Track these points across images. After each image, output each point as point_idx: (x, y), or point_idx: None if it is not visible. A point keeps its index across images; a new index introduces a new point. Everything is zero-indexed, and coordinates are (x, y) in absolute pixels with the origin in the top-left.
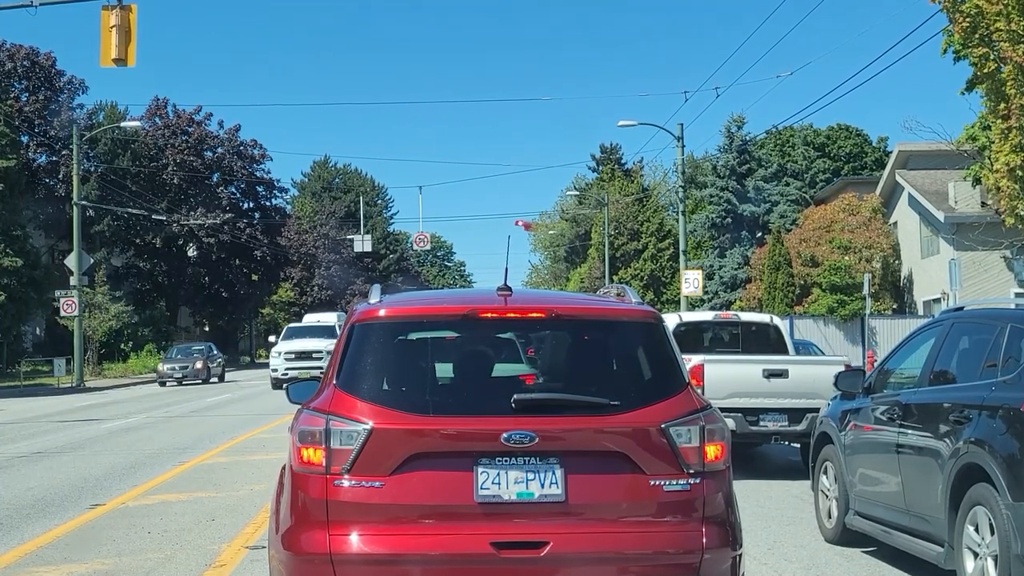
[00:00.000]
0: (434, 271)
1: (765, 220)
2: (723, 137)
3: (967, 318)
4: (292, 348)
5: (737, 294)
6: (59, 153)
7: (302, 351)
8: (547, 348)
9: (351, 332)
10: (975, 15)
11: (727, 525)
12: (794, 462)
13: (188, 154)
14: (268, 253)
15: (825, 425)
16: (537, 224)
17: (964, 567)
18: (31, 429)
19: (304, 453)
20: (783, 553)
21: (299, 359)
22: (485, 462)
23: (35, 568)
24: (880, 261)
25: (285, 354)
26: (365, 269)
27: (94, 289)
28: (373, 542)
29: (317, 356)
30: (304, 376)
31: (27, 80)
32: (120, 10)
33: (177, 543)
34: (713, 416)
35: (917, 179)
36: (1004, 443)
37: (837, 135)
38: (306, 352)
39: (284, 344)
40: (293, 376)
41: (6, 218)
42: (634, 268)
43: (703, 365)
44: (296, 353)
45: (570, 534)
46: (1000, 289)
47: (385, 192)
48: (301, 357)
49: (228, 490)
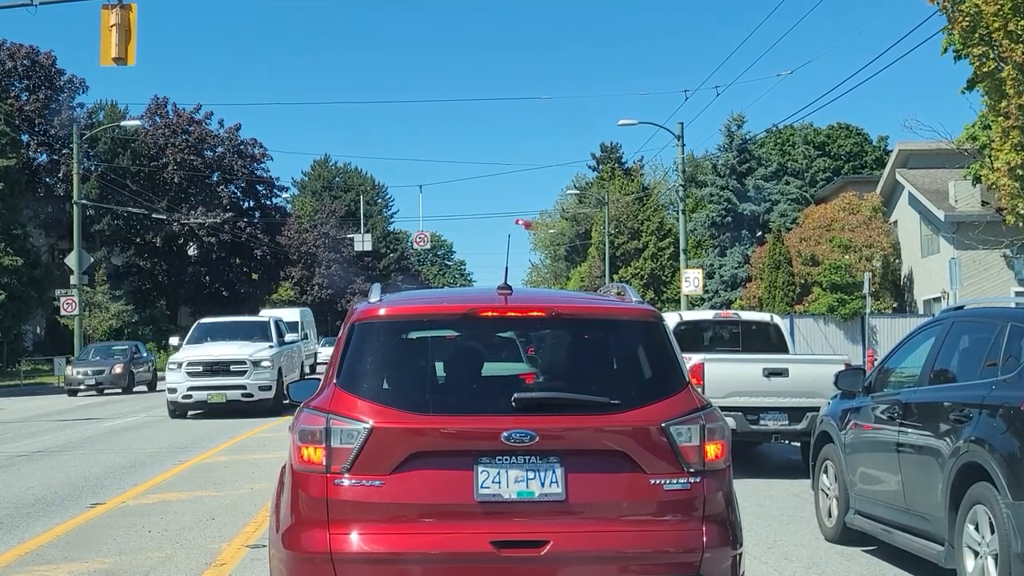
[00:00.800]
0: (434, 270)
1: (765, 219)
2: (723, 136)
3: (967, 317)
4: (200, 357)
5: (737, 293)
6: (59, 152)
7: (215, 362)
8: (547, 347)
9: (351, 331)
10: (974, 15)
11: (727, 524)
12: (794, 461)
13: (188, 153)
14: (268, 252)
15: (825, 424)
16: (537, 223)
17: (964, 566)
18: (31, 428)
19: (304, 452)
20: (783, 552)
21: (210, 374)
22: (485, 461)
23: (35, 567)
24: (880, 260)
25: (189, 366)
26: (365, 268)
27: (94, 288)
28: (373, 541)
29: (239, 370)
30: (218, 400)
31: (27, 79)
32: (120, 9)
33: (177, 542)
34: (713, 415)
35: (917, 178)
36: (1004, 442)
37: (837, 134)
38: (221, 364)
39: (189, 351)
40: (201, 400)
41: (6, 217)
42: (634, 267)
43: (703, 364)
44: (205, 365)
45: (570, 533)
46: (1000, 288)
47: (385, 191)
48: (214, 371)
49: (228, 489)
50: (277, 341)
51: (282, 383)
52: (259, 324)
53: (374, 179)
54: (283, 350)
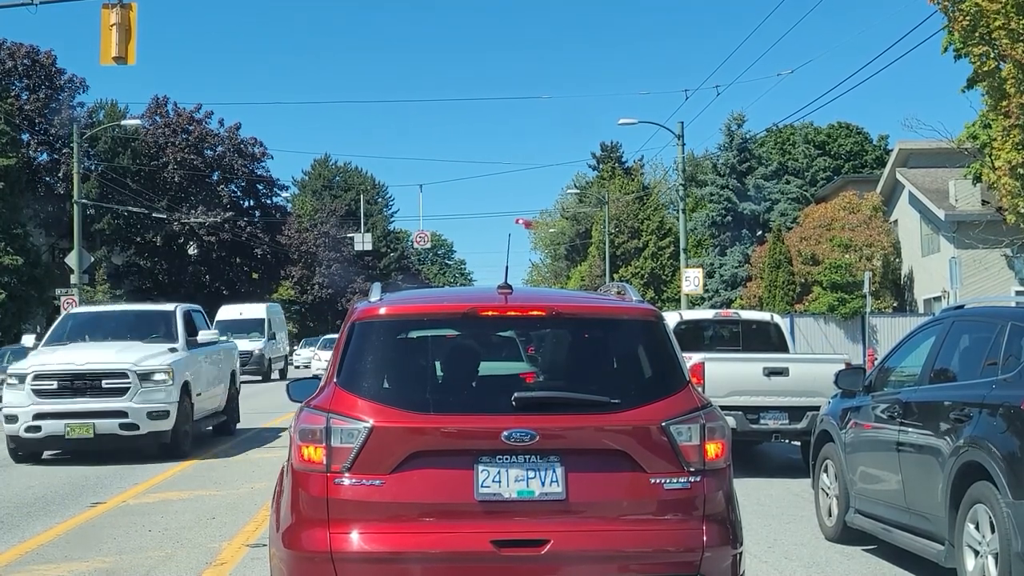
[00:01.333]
0: (434, 269)
1: (765, 218)
2: (723, 135)
3: (967, 316)
4: (54, 367)
5: (737, 292)
6: (59, 151)
7: (78, 374)
8: (548, 346)
9: (352, 330)
10: (975, 13)
11: (728, 523)
12: (794, 460)
13: (188, 152)
14: (269, 251)
15: (826, 423)
16: (537, 222)
17: (964, 565)
18: None
19: (305, 451)
20: (784, 551)
21: (71, 393)
22: (486, 460)
23: (36, 566)
24: (880, 259)
25: (37, 380)
26: (365, 267)
27: (95, 287)
28: (374, 540)
29: (117, 387)
30: (81, 435)
31: (27, 78)
32: (120, 8)
33: (178, 541)
34: (713, 414)
35: (917, 177)
36: (1004, 441)
37: (837, 133)
38: (88, 378)
39: (40, 358)
40: (55, 435)
41: (7, 216)
42: (635, 266)
43: (704, 363)
44: (63, 379)
45: (570, 532)
46: (1001, 287)
47: (385, 190)
48: (76, 389)
49: (229, 488)
50: (184, 342)
51: (189, 407)
52: (158, 316)
53: (374, 178)
54: (192, 356)
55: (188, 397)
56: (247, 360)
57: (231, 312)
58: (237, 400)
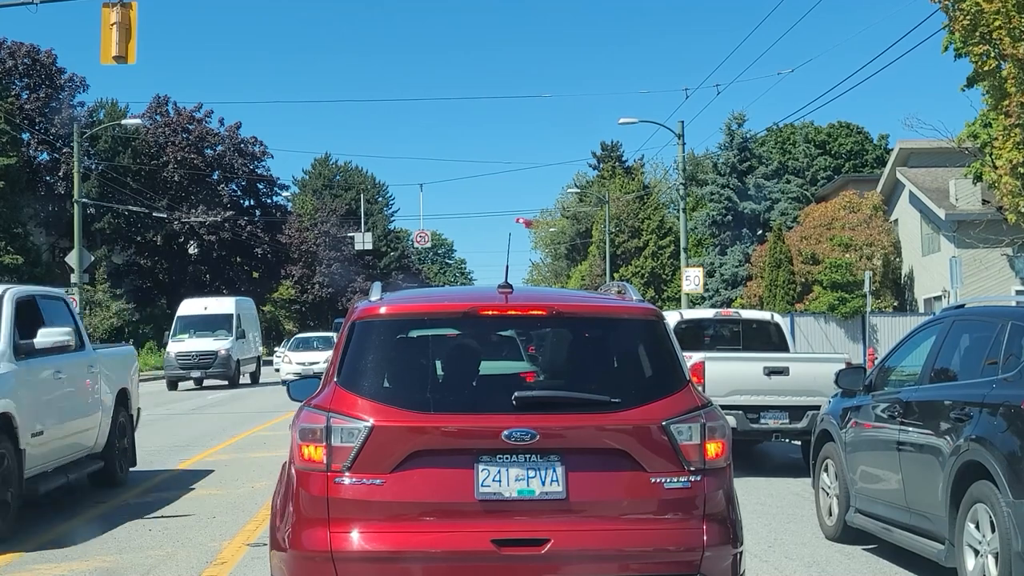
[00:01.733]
0: (435, 269)
1: (766, 218)
2: (724, 134)
3: (968, 316)
4: None
5: (738, 292)
6: (60, 151)
7: None
8: (548, 346)
9: (352, 330)
10: (975, 13)
11: (728, 522)
12: (795, 460)
13: (189, 152)
14: (269, 251)
15: (826, 423)
16: (538, 222)
17: (965, 564)
18: None
19: (305, 450)
20: (784, 550)
21: None
22: (486, 459)
23: (37, 566)
24: (881, 259)
25: None
26: (366, 267)
27: (95, 287)
28: (374, 540)
29: None
30: None
31: (28, 78)
32: (121, 7)
33: (178, 540)
34: (714, 413)
35: (918, 176)
36: (1005, 441)
37: (838, 132)
38: None
39: None
40: None
41: (7, 216)
42: (635, 266)
43: (704, 362)
44: None
45: (571, 531)
46: (1001, 287)
47: (386, 190)
48: None
49: (229, 487)
50: (10, 349)
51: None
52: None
53: (375, 178)
54: (26, 371)
55: (11, 441)
56: (210, 362)
57: (194, 306)
58: (132, 432)
